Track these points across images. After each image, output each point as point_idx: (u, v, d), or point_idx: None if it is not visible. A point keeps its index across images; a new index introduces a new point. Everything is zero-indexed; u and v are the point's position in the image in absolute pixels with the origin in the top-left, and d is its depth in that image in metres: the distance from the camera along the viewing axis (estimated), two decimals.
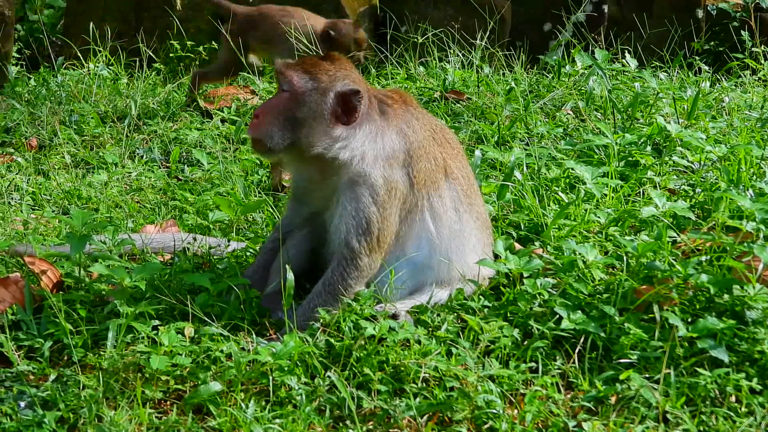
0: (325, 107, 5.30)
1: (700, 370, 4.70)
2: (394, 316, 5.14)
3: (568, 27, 11.19)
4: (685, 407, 4.57)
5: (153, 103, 9.40)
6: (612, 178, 6.66)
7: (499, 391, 4.65)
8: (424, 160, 5.43)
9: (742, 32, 11.24)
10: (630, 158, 7.16)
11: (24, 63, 11.18)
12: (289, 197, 5.82)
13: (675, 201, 6.13)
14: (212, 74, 9.90)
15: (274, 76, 5.53)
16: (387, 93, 5.66)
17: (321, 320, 5.06)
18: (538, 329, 5.05)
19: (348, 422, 4.56)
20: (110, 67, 10.47)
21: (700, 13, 11.49)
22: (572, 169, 6.74)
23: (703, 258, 5.46)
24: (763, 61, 10.54)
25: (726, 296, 5.11)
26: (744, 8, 11.75)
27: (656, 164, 7.07)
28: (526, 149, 7.45)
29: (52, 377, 4.88)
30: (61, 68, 10.42)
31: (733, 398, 4.63)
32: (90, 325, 5.18)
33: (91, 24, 10.70)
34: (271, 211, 6.80)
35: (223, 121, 9.08)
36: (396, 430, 4.55)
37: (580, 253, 5.50)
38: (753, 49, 11.02)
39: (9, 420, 4.55)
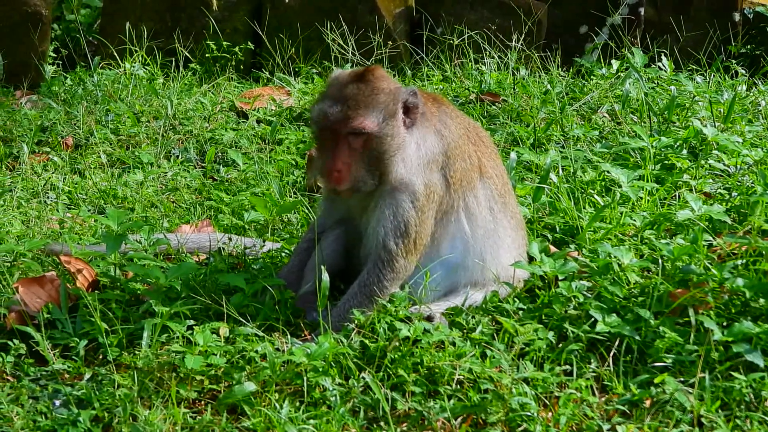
0: (398, 125, 5.31)
1: (735, 374, 4.68)
2: (429, 318, 5.14)
3: (605, 30, 11.14)
4: (720, 411, 4.55)
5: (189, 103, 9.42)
6: (648, 182, 6.65)
7: (533, 393, 4.65)
8: (459, 159, 5.42)
9: None
10: (666, 161, 7.13)
11: (60, 62, 11.18)
12: (323, 197, 5.81)
13: (711, 205, 6.11)
14: None
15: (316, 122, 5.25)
16: None
17: (356, 321, 5.07)
18: (572, 332, 5.04)
19: (382, 423, 4.57)
20: (146, 67, 10.48)
21: (737, 16, 11.42)
22: (608, 172, 6.74)
23: (739, 262, 5.44)
24: None
25: (761, 300, 5.09)
26: None
27: (692, 168, 7.04)
28: (561, 152, 7.43)
29: (87, 376, 4.90)
30: (97, 68, 10.43)
31: None
32: (125, 325, 5.20)
33: (128, 24, 10.71)
34: (306, 211, 6.81)
35: (258, 121, 9.09)
36: (430, 431, 4.56)
37: (615, 256, 5.49)
38: None
39: (44, 418, 4.58)
